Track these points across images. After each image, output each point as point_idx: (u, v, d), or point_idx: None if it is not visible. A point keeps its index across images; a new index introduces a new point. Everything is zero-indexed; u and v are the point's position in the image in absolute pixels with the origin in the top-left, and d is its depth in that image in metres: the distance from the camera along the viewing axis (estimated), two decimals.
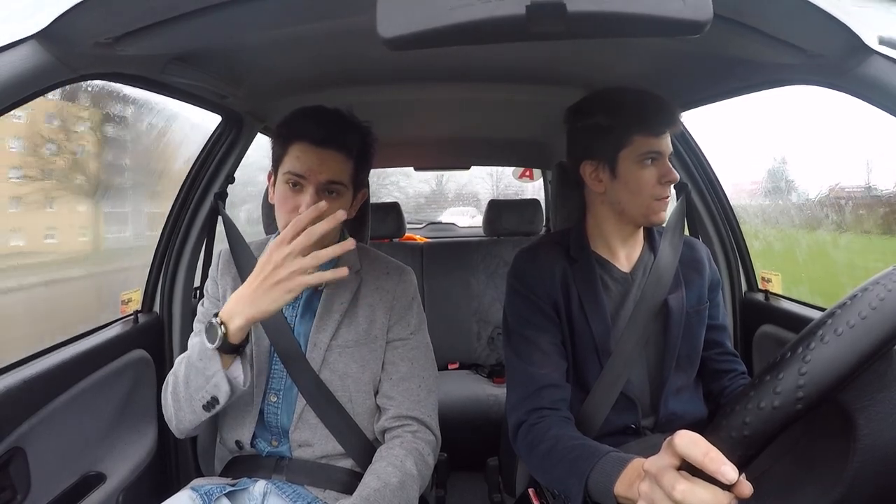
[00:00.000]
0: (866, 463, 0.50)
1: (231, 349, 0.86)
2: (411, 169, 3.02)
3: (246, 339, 0.88)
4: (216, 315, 0.85)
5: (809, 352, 0.50)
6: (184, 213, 1.45)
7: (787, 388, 0.49)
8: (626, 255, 1.04)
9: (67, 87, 0.82)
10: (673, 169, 0.96)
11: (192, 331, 1.10)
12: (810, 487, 0.54)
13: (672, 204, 1.29)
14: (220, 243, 1.44)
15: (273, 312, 0.83)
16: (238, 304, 0.83)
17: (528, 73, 1.38)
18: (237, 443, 1.01)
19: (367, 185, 1.08)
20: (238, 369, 0.89)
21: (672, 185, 0.98)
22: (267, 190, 1.32)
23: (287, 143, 0.96)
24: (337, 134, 0.96)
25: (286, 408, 0.99)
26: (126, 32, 0.78)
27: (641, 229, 1.04)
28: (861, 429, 0.50)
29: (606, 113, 0.97)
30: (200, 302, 1.11)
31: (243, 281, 1.02)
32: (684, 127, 1.48)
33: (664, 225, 1.10)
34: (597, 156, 0.99)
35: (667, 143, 0.96)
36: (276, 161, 0.99)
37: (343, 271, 0.81)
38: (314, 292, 1.02)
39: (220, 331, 0.84)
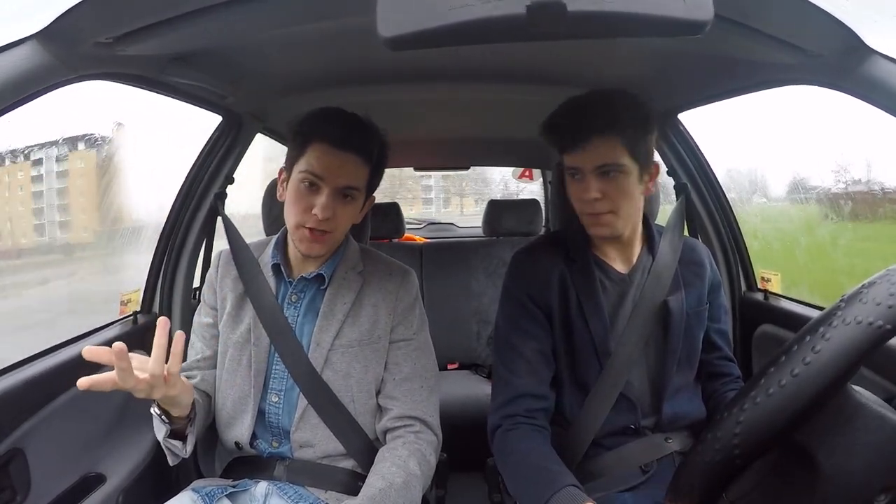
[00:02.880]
0: (830, 494, 0.51)
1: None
2: None
3: (192, 410, 0.92)
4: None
5: (743, 413, 0.53)
6: (183, 214, 1.44)
7: (725, 444, 0.53)
8: (622, 256, 1.04)
9: None
10: (589, 188, 0.92)
11: (195, 327, 1.10)
12: None
13: (671, 205, 1.29)
14: (220, 243, 1.43)
15: (171, 396, 0.84)
16: None
17: (527, 73, 1.38)
18: (236, 443, 1.01)
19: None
20: (191, 431, 0.93)
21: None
22: (268, 190, 1.33)
23: (307, 142, 0.95)
24: (358, 137, 0.96)
25: (287, 408, 0.99)
26: (126, 32, 0.78)
27: (639, 231, 1.04)
28: (822, 463, 0.51)
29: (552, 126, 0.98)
30: (197, 310, 1.10)
31: (244, 282, 1.03)
32: (683, 126, 1.48)
33: (664, 225, 1.10)
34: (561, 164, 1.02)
35: (590, 159, 0.91)
36: (293, 159, 0.98)
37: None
38: (317, 291, 1.02)
39: (161, 417, 0.89)
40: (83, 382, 0.75)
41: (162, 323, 0.79)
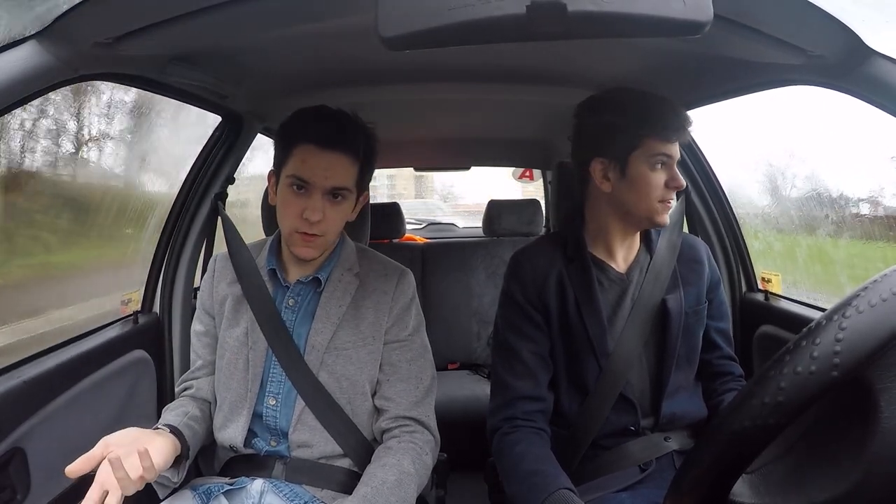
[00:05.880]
0: (885, 447, 0.49)
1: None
2: None
3: (183, 448, 0.91)
4: None
5: (846, 319, 0.48)
6: (184, 214, 1.44)
7: (824, 353, 0.48)
8: (622, 255, 1.04)
9: None
10: (678, 176, 0.96)
11: (192, 335, 1.10)
12: (825, 472, 0.53)
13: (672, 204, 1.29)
14: (221, 244, 1.43)
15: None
16: None
17: (528, 73, 1.38)
18: (231, 447, 1.01)
19: (368, 188, 1.07)
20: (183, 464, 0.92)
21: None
22: (266, 190, 1.33)
23: (291, 145, 0.94)
24: (343, 136, 0.94)
25: (285, 411, 0.99)
26: (126, 32, 0.78)
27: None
28: (882, 410, 0.48)
29: (621, 112, 0.96)
30: (196, 317, 1.09)
31: (241, 285, 1.03)
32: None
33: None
34: (607, 154, 0.97)
35: (676, 149, 0.96)
36: (279, 163, 0.97)
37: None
38: (314, 294, 1.02)
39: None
40: None
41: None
